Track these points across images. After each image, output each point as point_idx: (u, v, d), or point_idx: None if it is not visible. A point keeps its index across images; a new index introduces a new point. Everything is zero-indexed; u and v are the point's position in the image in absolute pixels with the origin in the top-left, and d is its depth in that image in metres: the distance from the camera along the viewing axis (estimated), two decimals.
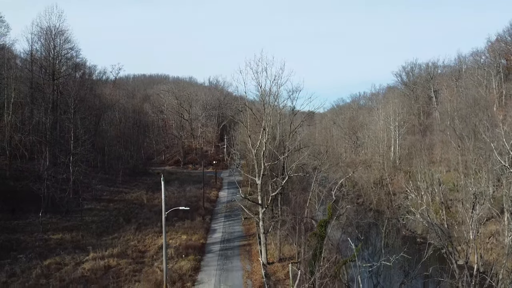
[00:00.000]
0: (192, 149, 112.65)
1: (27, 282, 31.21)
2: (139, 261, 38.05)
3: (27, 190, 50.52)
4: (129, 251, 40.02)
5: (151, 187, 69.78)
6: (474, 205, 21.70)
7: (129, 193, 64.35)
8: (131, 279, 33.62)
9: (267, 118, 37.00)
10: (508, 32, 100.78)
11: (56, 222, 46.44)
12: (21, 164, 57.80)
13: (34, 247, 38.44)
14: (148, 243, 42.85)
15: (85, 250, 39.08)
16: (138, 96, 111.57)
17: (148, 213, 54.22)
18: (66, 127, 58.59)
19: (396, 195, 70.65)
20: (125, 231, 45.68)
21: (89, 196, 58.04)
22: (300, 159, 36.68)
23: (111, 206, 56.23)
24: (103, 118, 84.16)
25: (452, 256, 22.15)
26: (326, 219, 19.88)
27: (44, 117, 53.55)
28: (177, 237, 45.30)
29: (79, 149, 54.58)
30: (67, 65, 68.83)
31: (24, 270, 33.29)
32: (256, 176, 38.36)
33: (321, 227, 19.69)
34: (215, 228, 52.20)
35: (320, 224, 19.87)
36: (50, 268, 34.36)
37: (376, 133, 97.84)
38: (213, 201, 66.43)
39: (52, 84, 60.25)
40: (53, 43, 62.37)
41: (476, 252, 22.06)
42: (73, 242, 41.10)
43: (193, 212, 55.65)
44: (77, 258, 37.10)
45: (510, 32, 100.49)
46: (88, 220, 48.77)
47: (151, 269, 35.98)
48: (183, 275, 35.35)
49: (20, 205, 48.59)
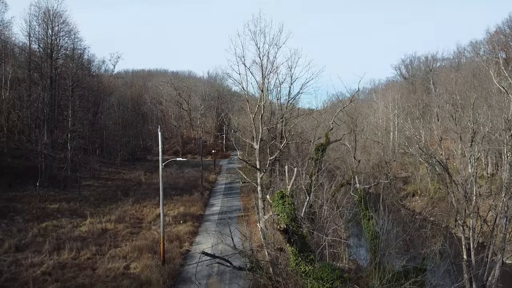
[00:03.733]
0: (191, 139, 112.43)
1: (23, 239, 31.00)
2: (137, 226, 37.88)
3: (25, 167, 50.32)
4: (127, 218, 39.81)
5: (149, 169, 69.55)
6: (472, 138, 21.59)
7: (127, 174, 64.12)
8: (129, 238, 33.42)
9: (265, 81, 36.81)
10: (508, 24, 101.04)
11: (54, 195, 46.11)
12: (19, 143, 57.60)
13: (31, 213, 38.15)
14: (146, 213, 42.64)
15: (82, 216, 38.87)
16: (137, 85, 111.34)
17: (147, 189, 53.99)
18: (64, 105, 58.42)
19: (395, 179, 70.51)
20: (123, 203, 45.43)
21: (87, 174, 57.73)
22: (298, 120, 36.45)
23: (109, 183, 55.97)
24: (101, 106, 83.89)
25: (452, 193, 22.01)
26: (323, 143, 19.70)
27: (42, 93, 53.33)
28: (175, 208, 45.06)
29: (77, 126, 54.33)
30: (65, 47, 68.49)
31: (21, 230, 33.11)
32: (254, 141, 38.15)
33: (317, 151, 19.48)
34: (213, 203, 51.95)
35: (316, 148, 19.69)
36: (47, 229, 34.16)
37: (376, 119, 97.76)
38: (211, 182, 66.17)
39: (50, 63, 60.05)
40: (51, 24, 62.25)
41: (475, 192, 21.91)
42: (71, 210, 40.84)
43: (191, 189, 55.50)
44: (75, 222, 36.92)
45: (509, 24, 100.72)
46: (86, 194, 48.48)
47: (149, 232, 35.79)
48: (181, 236, 35.19)
49: (17, 179, 48.32)
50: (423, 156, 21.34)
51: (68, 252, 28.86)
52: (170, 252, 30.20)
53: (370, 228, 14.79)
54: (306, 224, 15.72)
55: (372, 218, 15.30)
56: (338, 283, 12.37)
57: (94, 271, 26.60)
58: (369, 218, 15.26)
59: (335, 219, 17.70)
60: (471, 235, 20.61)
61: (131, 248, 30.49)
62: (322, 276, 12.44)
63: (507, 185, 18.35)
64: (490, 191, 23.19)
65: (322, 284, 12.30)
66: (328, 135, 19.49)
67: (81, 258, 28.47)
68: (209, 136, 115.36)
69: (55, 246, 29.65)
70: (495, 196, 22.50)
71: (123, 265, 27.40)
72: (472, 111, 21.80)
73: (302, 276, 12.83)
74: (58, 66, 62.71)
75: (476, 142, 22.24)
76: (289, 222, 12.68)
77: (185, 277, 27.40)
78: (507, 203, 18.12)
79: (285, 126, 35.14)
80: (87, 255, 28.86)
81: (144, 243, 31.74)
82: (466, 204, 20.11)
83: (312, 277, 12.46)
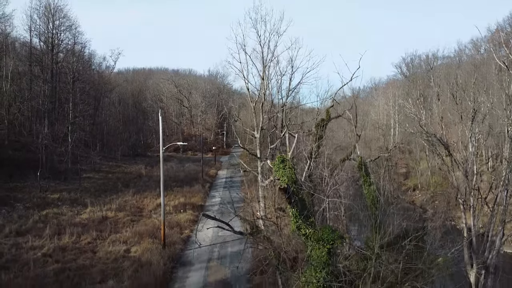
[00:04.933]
0: (192, 136, 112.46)
1: (24, 225, 31.01)
2: (137, 214, 37.91)
3: (26, 159, 50.34)
4: (127, 207, 39.81)
5: (150, 163, 69.54)
6: (473, 117, 21.59)
7: (128, 168, 64.11)
8: (129, 225, 33.43)
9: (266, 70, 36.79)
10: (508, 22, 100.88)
11: (54, 186, 46.07)
12: (19, 136, 57.65)
13: (32, 201, 38.15)
14: (147, 203, 42.58)
15: (83, 205, 38.86)
16: (138, 81, 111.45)
17: (147, 181, 54.00)
18: (65, 99, 58.50)
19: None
20: (124, 194, 45.38)
21: (88, 167, 57.74)
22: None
23: (109, 176, 55.94)
24: (102, 101, 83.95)
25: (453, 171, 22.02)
26: (324, 119, 19.68)
27: (43, 85, 53.42)
28: (176, 199, 44.98)
29: (78, 119, 54.39)
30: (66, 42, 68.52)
31: (22, 216, 33.12)
32: (254, 130, 38.12)
33: (318, 127, 19.44)
34: (214, 194, 51.98)
35: (317, 124, 19.65)
36: (47, 216, 34.17)
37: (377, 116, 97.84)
38: (212, 177, 66.14)
39: (51, 57, 60.15)
40: (52, 18, 62.40)
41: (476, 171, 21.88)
42: (71, 200, 40.81)
43: (192, 181, 55.49)
44: (75, 210, 36.92)
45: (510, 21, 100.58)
46: (86, 186, 48.46)
47: (150, 220, 35.79)
48: (181, 224, 35.21)
49: (17, 171, 48.33)
50: (423, 135, 21.34)
51: (69, 236, 28.89)
52: (171, 237, 30.23)
53: (371, 193, 14.80)
54: (307, 184, 15.70)
55: (372, 184, 15.33)
56: (338, 243, 12.39)
57: (95, 254, 26.64)
58: (370, 184, 15.27)
59: (336, 184, 17.69)
60: (472, 212, 20.61)
61: (132, 234, 30.52)
62: (322, 237, 12.43)
63: (508, 159, 18.33)
64: (490, 187, 23.08)
65: (322, 245, 12.29)
66: (329, 112, 19.54)
67: (82, 242, 28.49)
68: (209, 133, 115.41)
69: (56, 231, 29.69)
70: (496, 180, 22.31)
71: (124, 249, 27.45)
72: (473, 89, 21.82)
73: (302, 239, 12.82)
74: (59, 61, 62.88)
75: (476, 121, 22.22)
76: (290, 183, 12.66)
77: (185, 260, 27.43)
78: (508, 176, 18.11)
79: (285, 114, 35.10)
80: (88, 240, 28.90)
81: (145, 228, 31.78)
82: (467, 181, 20.10)
83: (312, 239, 12.45)
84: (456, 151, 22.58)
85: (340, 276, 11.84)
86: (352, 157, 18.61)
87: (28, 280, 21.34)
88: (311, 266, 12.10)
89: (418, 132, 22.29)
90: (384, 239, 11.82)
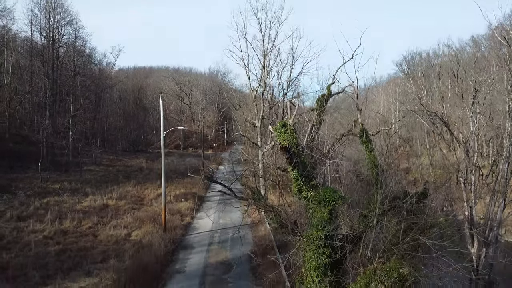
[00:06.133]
0: (192, 133, 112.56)
1: (25, 211, 31.01)
2: (138, 203, 37.92)
3: (27, 151, 50.42)
4: (128, 196, 39.83)
5: (151, 158, 69.72)
6: (474, 96, 21.61)
7: (128, 162, 64.19)
8: (130, 212, 33.44)
9: (267, 58, 36.83)
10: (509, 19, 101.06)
11: (55, 177, 46.04)
12: (20, 129, 57.73)
13: (33, 190, 38.16)
14: (148, 193, 42.61)
15: (84, 194, 38.87)
16: (138, 77, 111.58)
17: (148, 174, 54.07)
18: (66, 92, 58.58)
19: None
20: (124, 184, 45.39)
21: (89, 161, 57.80)
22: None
23: (110, 169, 55.99)
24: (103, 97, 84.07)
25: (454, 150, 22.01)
26: (325, 94, 19.66)
27: (44, 78, 53.51)
28: (177, 189, 45.05)
29: (80, 112, 54.48)
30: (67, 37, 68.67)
31: (23, 203, 33.10)
32: (255, 119, 38.16)
33: (318, 102, 19.40)
34: (214, 186, 51.76)
35: (318, 100, 19.63)
36: (48, 203, 34.16)
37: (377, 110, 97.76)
38: (213, 170, 66.04)
39: (52, 50, 60.29)
40: (53, 12, 62.58)
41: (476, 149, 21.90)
42: (72, 189, 40.83)
43: (192, 173, 55.41)
44: (76, 199, 36.91)
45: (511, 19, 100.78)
46: (87, 177, 48.47)
47: (150, 208, 35.81)
48: (182, 211, 35.23)
49: (18, 163, 48.37)
50: (424, 114, 21.35)
51: (70, 221, 28.92)
52: (172, 222, 30.27)
53: (372, 158, 14.81)
54: (309, 146, 15.66)
55: (373, 150, 15.34)
56: (340, 203, 12.39)
57: (96, 237, 26.68)
58: (371, 150, 15.27)
59: (337, 150, 17.70)
60: (472, 190, 20.63)
61: (133, 219, 30.58)
62: (324, 198, 12.42)
63: (509, 132, 18.33)
64: (493, 161, 23.05)
65: (323, 206, 12.27)
66: (330, 88, 19.56)
67: (83, 227, 28.51)
68: (210, 130, 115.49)
69: (57, 216, 29.73)
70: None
71: (125, 233, 27.51)
72: (474, 69, 21.86)
73: (303, 202, 12.81)
74: (60, 55, 63.00)
75: (477, 100, 22.26)
76: (292, 145, 12.62)
77: (186, 244, 27.43)
78: (509, 148, 18.12)
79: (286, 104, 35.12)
80: (89, 224, 28.92)
81: (145, 215, 31.88)
82: (468, 159, 20.11)
83: (314, 201, 12.44)
84: (457, 132, 22.59)
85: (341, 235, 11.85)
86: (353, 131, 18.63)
87: (29, 259, 21.38)
88: (312, 227, 12.10)
89: (419, 111, 22.29)
90: (385, 200, 11.82)
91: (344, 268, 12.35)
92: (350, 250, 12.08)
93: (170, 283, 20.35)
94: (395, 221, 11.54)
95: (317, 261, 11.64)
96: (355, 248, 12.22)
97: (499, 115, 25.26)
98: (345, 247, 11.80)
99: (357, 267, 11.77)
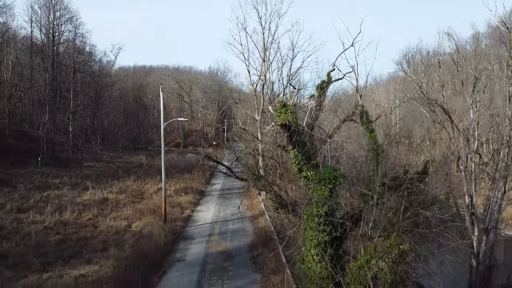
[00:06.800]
0: (192, 132, 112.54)
1: (25, 204, 30.98)
2: (138, 197, 37.88)
3: (27, 147, 50.43)
4: (128, 190, 39.83)
5: (151, 155, 69.72)
6: (474, 84, 21.61)
7: (129, 158, 64.21)
8: (130, 205, 33.40)
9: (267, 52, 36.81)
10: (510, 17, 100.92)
11: (55, 172, 46.01)
12: (20, 126, 57.72)
13: (33, 184, 38.12)
14: (148, 187, 42.56)
15: (84, 188, 38.83)
16: (139, 75, 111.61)
17: (148, 170, 54.07)
18: (66, 89, 58.60)
19: None
20: (125, 179, 45.37)
21: (89, 157, 57.77)
22: None
23: (110, 165, 56.00)
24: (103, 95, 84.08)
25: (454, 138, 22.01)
26: (325, 81, 19.61)
27: (44, 74, 53.53)
28: (177, 184, 45.01)
29: (80, 108, 54.47)
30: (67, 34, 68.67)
31: (23, 196, 33.06)
32: (255, 112, 38.15)
33: (318, 88, 19.34)
34: (214, 182, 52.08)
35: (318, 86, 19.60)
36: (48, 197, 34.12)
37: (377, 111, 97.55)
38: (213, 167, 66.06)
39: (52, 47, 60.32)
40: (53, 9, 62.60)
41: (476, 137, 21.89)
42: (72, 184, 40.79)
43: (192, 169, 55.39)
44: (76, 192, 36.87)
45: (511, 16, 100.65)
46: (87, 173, 48.45)
47: (151, 201, 35.78)
48: (182, 205, 35.21)
49: (18, 159, 48.35)
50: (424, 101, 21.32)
51: (70, 213, 28.90)
52: (172, 214, 30.28)
53: (372, 138, 14.78)
54: (308, 125, 15.64)
55: (374, 131, 15.32)
56: (340, 181, 12.38)
57: (96, 228, 26.69)
58: (371, 130, 15.26)
59: (337, 130, 17.71)
60: (473, 178, 20.61)
61: (133, 211, 30.57)
62: (324, 176, 12.41)
63: (510, 117, 18.32)
64: (494, 151, 23.04)
65: (324, 184, 12.27)
66: (330, 75, 19.56)
67: (83, 218, 28.49)
68: (210, 128, 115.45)
69: (57, 208, 29.67)
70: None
71: (125, 224, 27.48)
72: (474, 58, 21.85)
73: (304, 182, 12.80)
74: (59, 53, 63.01)
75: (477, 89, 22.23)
76: (292, 123, 12.59)
77: (187, 235, 27.41)
78: (510, 133, 18.12)
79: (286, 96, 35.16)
80: (89, 216, 28.90)
81: (146, 207, 31.88)
82: (468, 146, 20.10)
83: (314, 180, 12.43)
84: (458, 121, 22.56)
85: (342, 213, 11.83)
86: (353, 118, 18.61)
87: (30, 248, 21.38)
88: (312, 205, 12.08)
89: (419, 99, 22.27)
90: (385, 178, 11.80)
91: (344, 246, 12.34)
92: (350, 228, 12.06)
93: (171, 271, 20.35)
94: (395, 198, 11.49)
95: (318, 238, 11.63)
96: (355, 227, 12.21)
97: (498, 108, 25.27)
98: (346, 224, 11.78)
99: (357, 244, 11.76)
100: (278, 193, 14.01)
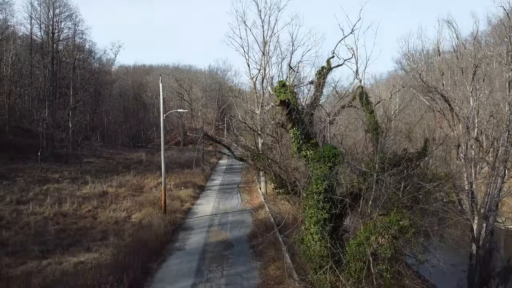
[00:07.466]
0: (192, 130, 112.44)
1: (25, 196, 30.94)
2: (138, 191, 37.82)
3: (27, 143, 50.41)
4: (128, 185, 39.76)
5: (151, 152, 69.77)
6: (474, 72, 21.60)
7: (128, 155, 64.18)
8: (130, 198, 33.37)
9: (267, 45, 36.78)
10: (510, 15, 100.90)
11: (55, 168, 45.96)
12: (20, 122, 57.69)
13: (33, 178, 38.07)
14: (147, 182, 42.51)
15: (84, 182, 38.80)
16: (138, 73, 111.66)
17: (148, 165, 54.04)
18: (66, 86, 58.58)
19: None
20: (124, 174, 45.32)
21: (89, 153, 57.77)
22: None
23: (110, 161, 55.96)
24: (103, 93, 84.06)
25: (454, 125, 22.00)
26: (325, 67, 19.52)
27: (43, 70, 53.52)
28: (177, 179, 44.98)
29: (80, 104, 54.42)
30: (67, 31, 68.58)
31: (22, 189, 33.02)
32: (255, 106, 38.11)
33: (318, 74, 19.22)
34: (214, 178, 52.06)
35: (318, 72, 19.50)
36: (48, 190, 34.08)
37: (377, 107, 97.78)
38: (213, 164, 66.22)
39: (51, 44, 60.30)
40: (52, 6, 62.58)
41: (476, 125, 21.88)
42: (72, 178, 40.76)
43: (192, 165, 55.42)
44: (76, 186, 36.84)
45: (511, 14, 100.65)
46: (87, 168, 48.40)
47: (150, 194, 35.75)
48: (182, 198, 35.16)
49: (18, 155, 48.31)
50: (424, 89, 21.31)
51: (70, 205, 28.86)
52: (172, 206, 30.24)
53: (371, 119, 14.76)
54: (308, 104, 15.60)
55: (374, 111, 15.30)
56: (340, 159, 12.33)
57: (95, 219, 26.66)
58: (371, 111, 15.24)
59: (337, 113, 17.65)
60: (472, 165, 20.59)
61: (133, 203, 30.53)
62: (323, 154, 12.36)
63: (510, 103, 18.30)
64: (493, 141, 23.01)
65: (323, 163, 12.22)
66: (329, 62, 19.51)
67: (83, 210, 28.45)
68: (210, 127, 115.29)
69: (56, 201, 29.63)
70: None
71: (124, 215, 27.44)
72: (473, 45, 21.86)
73: (304, 161, 12.74)
74: (59, 50, 63.00)
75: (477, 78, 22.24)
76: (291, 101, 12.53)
77: (186, 226, 27.36)
78: (509, 117, 18.10)
79: None
80: (88, 208, 28.88)
81: (145, 199, 31.82)
82: (468, 133, 20.08)
83: (314, 159, 12.38)
84: (458, 109, 22.56)
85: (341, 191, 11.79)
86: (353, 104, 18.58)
87: (29, 237, 21.35)
88: (312, 183, 12.02)
89: (419, 86, 22.26)
90: (385, 156, 11.76)
91: (344, 225, 12.30)
92: (350, 205, 12.02)
93: (170, 259, 20.31)
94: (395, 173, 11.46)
95: (317, 216, 11.58)
96: (355, 205, 12.17)
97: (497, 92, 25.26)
98: (345, 201, 11.74)
99: (357, 223, 11.72)
100: (277, 173, 13.99)
